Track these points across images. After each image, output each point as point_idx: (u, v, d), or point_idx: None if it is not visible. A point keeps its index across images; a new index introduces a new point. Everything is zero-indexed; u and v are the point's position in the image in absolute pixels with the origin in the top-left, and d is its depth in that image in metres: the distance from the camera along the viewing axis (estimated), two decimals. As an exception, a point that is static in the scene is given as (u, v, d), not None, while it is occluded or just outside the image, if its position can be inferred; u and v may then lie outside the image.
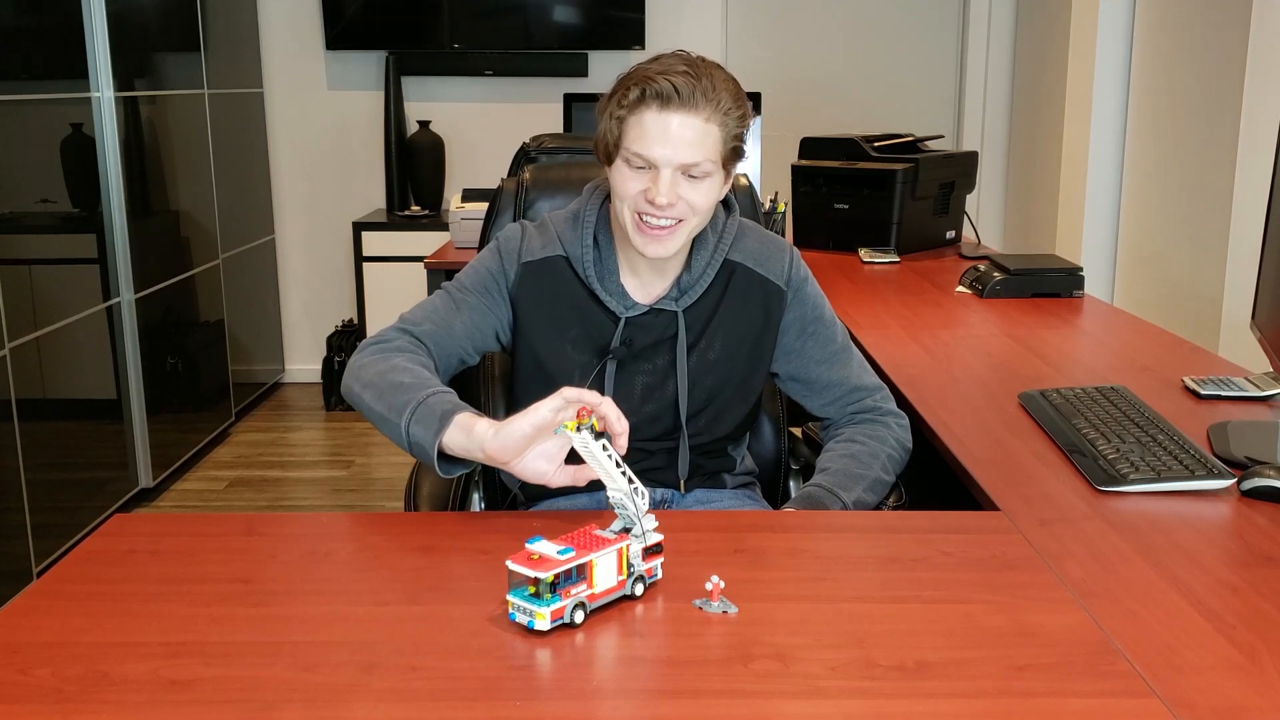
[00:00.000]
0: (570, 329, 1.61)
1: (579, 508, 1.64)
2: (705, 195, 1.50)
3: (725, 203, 1.69)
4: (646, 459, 1.64)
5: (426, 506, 1.67)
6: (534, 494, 1.70)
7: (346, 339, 4.76)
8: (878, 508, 1.60)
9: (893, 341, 2.24)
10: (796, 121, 4.60)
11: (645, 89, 1.45)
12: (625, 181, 1.50)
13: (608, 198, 1.63)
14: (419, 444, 1.39)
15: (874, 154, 3.29)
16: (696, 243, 1.61)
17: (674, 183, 1.47)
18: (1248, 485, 1.44)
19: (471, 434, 1.35)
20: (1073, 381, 1.96)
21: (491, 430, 1.33)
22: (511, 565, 1.10)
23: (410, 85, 4.82)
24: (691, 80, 1.45)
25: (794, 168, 3.38)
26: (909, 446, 1.68)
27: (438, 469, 1.39)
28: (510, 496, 1.79)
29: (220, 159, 4.32)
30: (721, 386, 1.65)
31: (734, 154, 1.52)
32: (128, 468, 3.60)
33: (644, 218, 1.50)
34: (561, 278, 1.61)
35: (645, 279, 1.62)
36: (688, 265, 1.62)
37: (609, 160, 1.53)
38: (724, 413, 1.66)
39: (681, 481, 1.66)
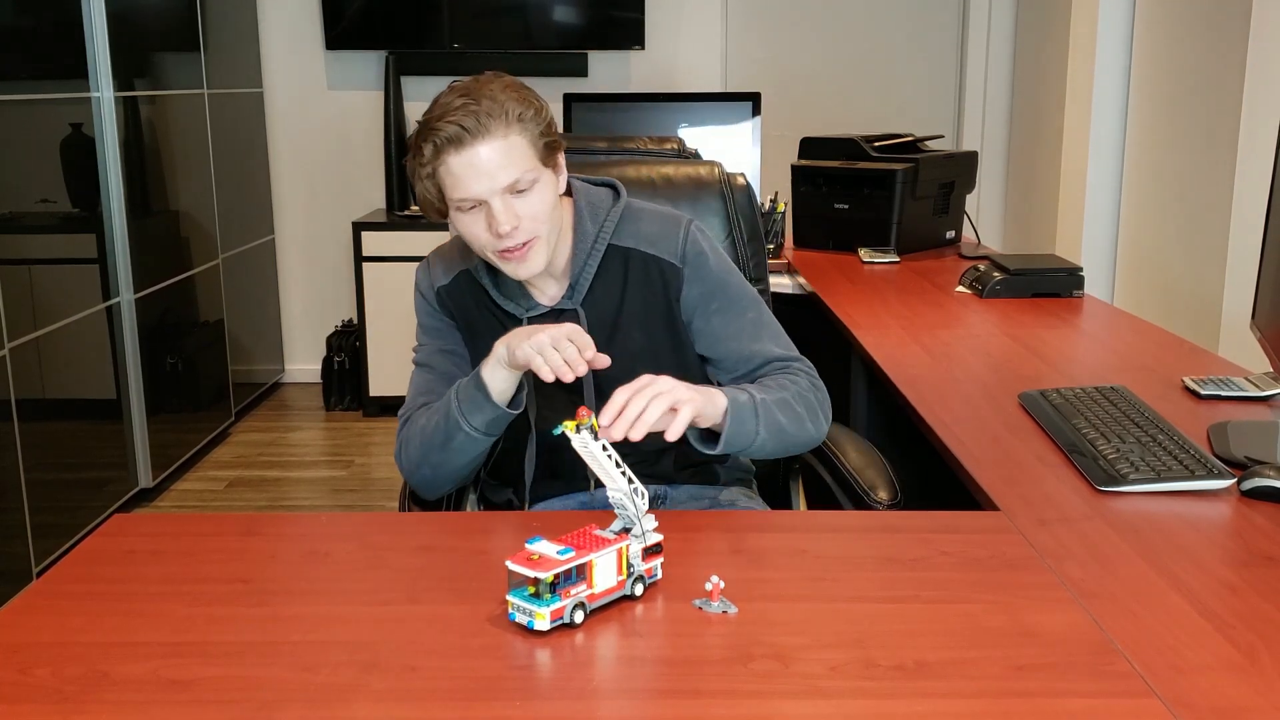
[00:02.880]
0: (492, 338, 1.58)
1: (579, 507, 1.64)
2: (542, 201, 1.50)
3: (615, 190, 1.68)
4: (631, 455, 1.62)
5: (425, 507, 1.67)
6: (533, 494, 1.70)
7: (346, 339, 4.76)
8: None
9: (893, 341, 2.24)
10: (796, 121, 4.60)
11: (434, 140, 1.45)
12: (469, 227, 1.50)
13: None
14: (472, 407, 1.51)
15: (874, 154, 3.29)
16: (578, 236, 1.61)
17: (506, 207, 1.47)
18: (1248, 485, 1.44)
19: (494, 363, 1.48)
20: (1073, 381, 1.96)
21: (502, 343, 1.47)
22: (511, 565, 1.10)
23: (410, 85, 4.82)
24: (472, 107, 1.44)
25: (794, 168, 3.38)
26: (824, 394, 1.61)
27: (502, 407, 1.51)
28: (508, 499, 1.78)
29: (220, 159, 4.32)
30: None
31: (550, 149, 1.52)
32: (127, 468, 3.60)
33: (500, 250, 1.51)
34: (470, 291, 1.65)
35: (538, 280, 1.62)
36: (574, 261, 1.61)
37: (443, 215, 1.54)
38: None
39: (673, 454, 1.64)
